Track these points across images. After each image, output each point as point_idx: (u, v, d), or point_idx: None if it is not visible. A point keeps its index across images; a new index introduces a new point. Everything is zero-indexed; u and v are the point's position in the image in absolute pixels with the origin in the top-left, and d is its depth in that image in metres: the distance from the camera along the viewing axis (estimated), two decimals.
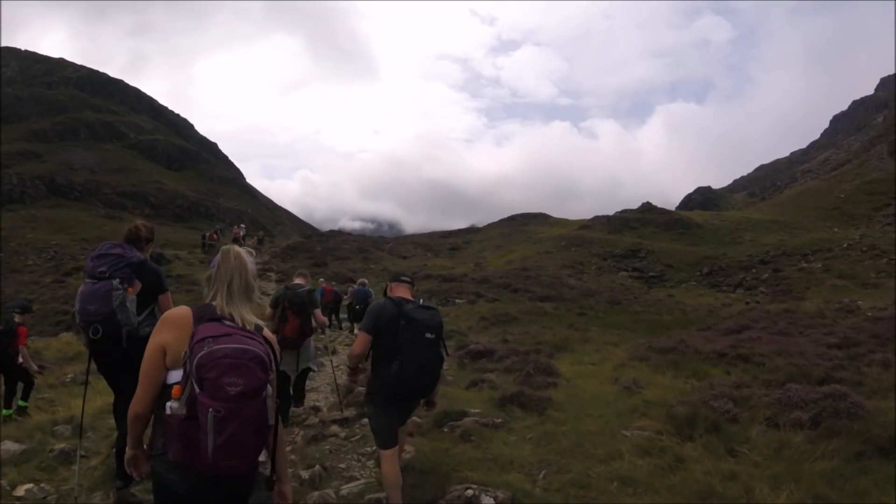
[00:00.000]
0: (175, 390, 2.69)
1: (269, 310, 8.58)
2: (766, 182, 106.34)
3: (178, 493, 2.72)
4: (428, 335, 5.18)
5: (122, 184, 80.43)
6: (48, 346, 19.32)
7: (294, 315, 8.39)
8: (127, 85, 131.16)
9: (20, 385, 10.50)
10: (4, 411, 9.83)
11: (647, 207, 66.81)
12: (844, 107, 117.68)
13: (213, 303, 2.94)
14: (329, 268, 38.44)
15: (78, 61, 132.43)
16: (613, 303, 31.11)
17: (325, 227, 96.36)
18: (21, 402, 10.27)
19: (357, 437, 7.66)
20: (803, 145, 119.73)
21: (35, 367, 10.89)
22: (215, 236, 43.44)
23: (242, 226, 48.69)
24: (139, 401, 2.84)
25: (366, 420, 6.84)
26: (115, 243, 5.37)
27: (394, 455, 5.33)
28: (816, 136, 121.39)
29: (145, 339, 3.29)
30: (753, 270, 41.19)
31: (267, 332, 2.98)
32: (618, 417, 7.79)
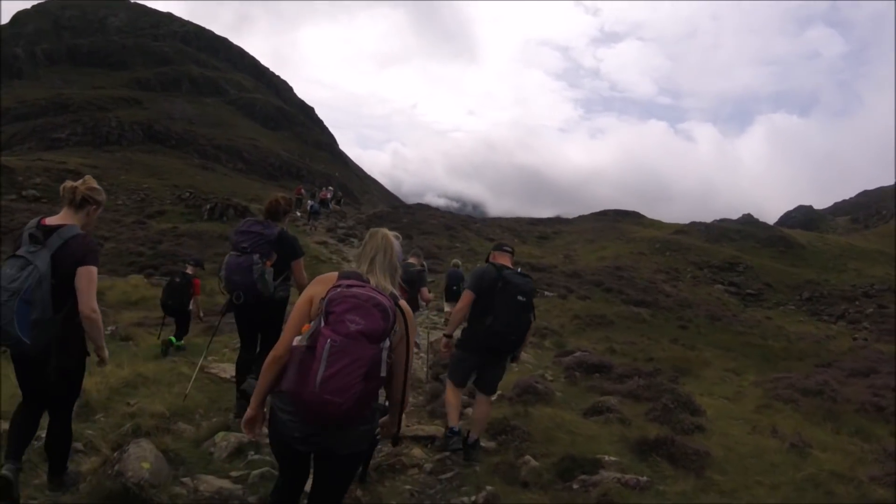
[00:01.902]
0: (304, 327, 2.93)
1: None
2: (870, 209, 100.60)
3: (284, 434, 2.95)
4: (520, 298, 5.82)
5: (219, 137, 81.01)
6: (113, 287, 18.09)
7: (402, 291, 7.75)
8: (231, 43, 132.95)
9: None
10: (172, 338, 10.89)
11: (748, 220, 63.91)
12: None
13: (359, 269, 3.18)
14: (414, 241, 37.09)
15: (185, 17, 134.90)
16: (713, 318, 29.03)
17: (411, 201, 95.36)
18: (177, 342, 11.05)
19: (450, 475, 5.68)
20: None
21: (201, 315, 12.10)
22: (302, 191, 45.60)
23: (331, 188, 48.19)
24: (282, 344, 3.01)
25: (458, 448, 6.20)
26: (256, 220, 6.23)
27: (459, 390, 6.24)
28: None
29: (280, 301, 6.12)
30: (857, 303, 38.96)
31: (404, 303, 3.13)
32: (798, 492, 5.74)
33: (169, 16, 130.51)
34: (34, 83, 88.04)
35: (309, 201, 39.80)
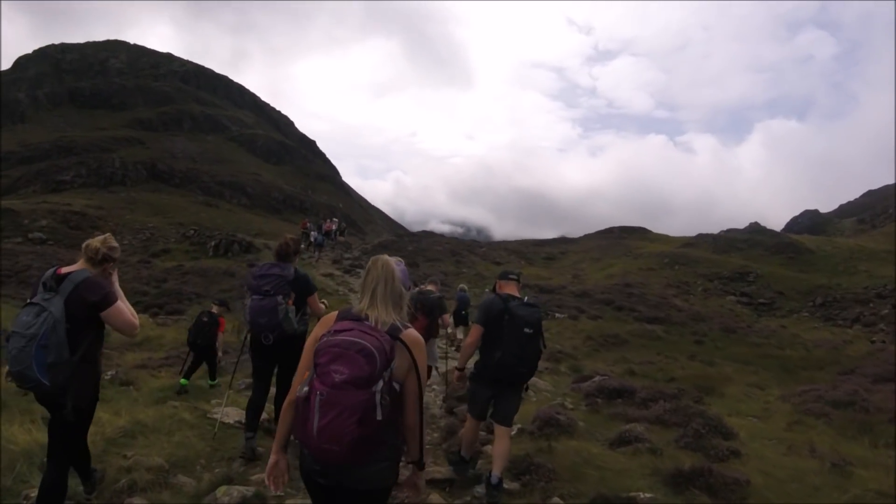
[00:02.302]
0: (305, 375, 2.96)
1: None
2: (876, 209, 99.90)
3: (307, 468, 2.99)
4: (527, 330, 5.73)
5: (221, 173, 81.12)
6: None
7: (423, 316, 9.00)
8: (231, 81, 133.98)
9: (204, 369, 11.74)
10: (182, 380, 10.68)
11: (756, 228, 63.65)
12: None
13: (358, 306, 3.12)
14: (420, 269, 36.84)
15: (184, 56, 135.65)
16: (728, 331, 28.54)
17: (415, 228, 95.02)
18: (211, 382, 11.45)
19: None
20: None
21: (220, 354, 12.15)
22: (307, 224, 44.35)
23: (335, 220, 47.78)
24: (293, 389, 3.06)
25: (480, 490, 5.97)
26: (273, 263, 6.45)
27: (478, 424, 6.21)
28: None
29: (301, 335, 6.27)
30: (871, 305, 38.11)
31: (407, 334, 3.04)
32: None
33: (168, 56, 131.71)
34: (37, 126, 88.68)
35: (312, 233, 39.52)
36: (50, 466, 4.39)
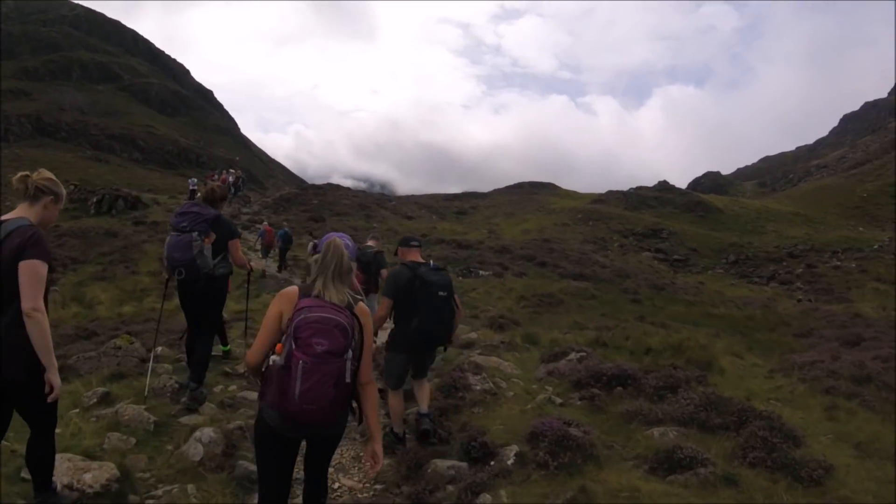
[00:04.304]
0: (278, 347, 3.24)
1: None
2: (775, 173, 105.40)
3: (271, 425, 3.30)
4: (441, 293, 5.84)
5: (112, 126, 76.72)
6: None
7: (360, 271, 9.02)
8: (124, 26, 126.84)
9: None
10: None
11: (665, 186, 64.51)
12: (846, 106, 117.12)
13: (315, 284, 3.40)
14: (327, 224, 34.92)
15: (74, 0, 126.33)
16: (656, 288, 27.86)
17: (317, 183, 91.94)
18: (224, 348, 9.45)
19: None
20: (801, 140, 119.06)
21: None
22: (215, 177, 41.39)
23: (232, 170, 43.27)
24: (253, 353, 3.38)
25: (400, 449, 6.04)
26: (194, 202, 6.75)
27: (401, 393, 6.26)
28: (817, 132, 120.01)
29: (220, 277, 6.50)
30: (784, 263, 39.69)
31: (360, 308, 3.45)
32: None
33: (58, 0, 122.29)
34: None
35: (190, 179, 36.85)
36: (32, 436, 3.90)
